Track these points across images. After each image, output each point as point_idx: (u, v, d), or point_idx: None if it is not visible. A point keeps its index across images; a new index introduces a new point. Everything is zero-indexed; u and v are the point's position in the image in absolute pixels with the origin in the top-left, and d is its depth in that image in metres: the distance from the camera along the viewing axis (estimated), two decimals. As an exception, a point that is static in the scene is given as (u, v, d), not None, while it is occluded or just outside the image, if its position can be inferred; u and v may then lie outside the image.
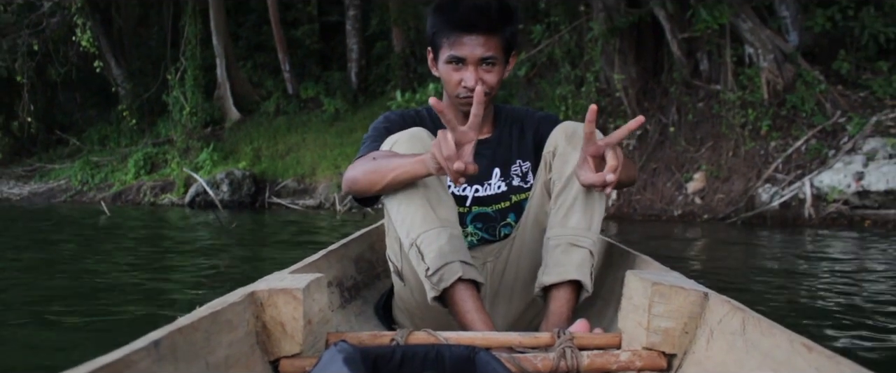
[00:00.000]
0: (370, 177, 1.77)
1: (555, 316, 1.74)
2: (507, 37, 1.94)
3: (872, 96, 8.94)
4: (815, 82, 9.03)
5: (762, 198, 8.38)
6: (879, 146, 7.95)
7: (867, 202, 7.73)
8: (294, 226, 8.74)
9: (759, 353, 1.19)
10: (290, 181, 13.41)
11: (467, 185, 2.07)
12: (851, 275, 4.35)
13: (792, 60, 9.26)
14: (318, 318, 1.46)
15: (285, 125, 15.43)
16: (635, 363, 1.41)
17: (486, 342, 1.46)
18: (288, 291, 1.36)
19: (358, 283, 2.30)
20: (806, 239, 6.62)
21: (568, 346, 1.41)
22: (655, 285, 1.40)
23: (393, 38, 15.52)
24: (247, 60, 18.00)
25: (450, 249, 1.69)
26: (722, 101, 9.43)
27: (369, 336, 1.49)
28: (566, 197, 1.81)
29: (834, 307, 3.22)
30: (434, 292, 1.69)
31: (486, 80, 1.92)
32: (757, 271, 4.51)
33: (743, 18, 9.35)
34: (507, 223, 2.09)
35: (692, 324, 1.40)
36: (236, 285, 1.45)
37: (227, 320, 1.24)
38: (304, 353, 1.38)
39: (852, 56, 9.18)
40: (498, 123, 2.16)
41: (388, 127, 2.02)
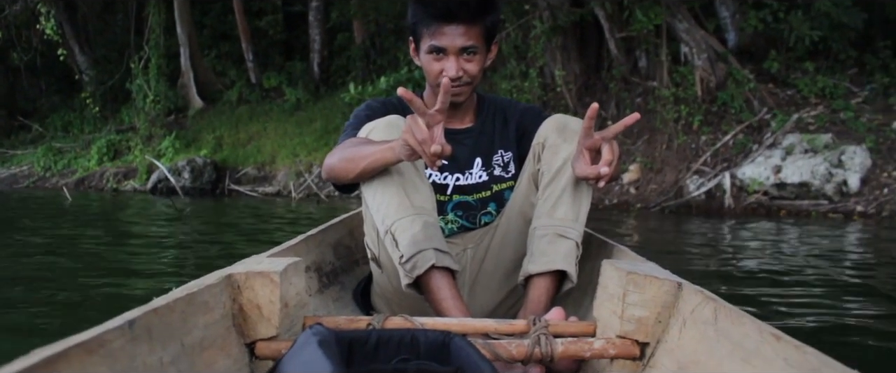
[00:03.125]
0: (345, 164, 1.77)
1: (533, 304, 1.74)
2: (488, 26, 1.92)
3: (798, 95, 9.38)
4: (744, 81, 9.44)
5: (690, 189, 8.79)
6: (797, 142, 8.38)
7: (784, 193, 8.17)
8: (249, 213, 8.85)
9: (730, 342, 1.20)
10: (251, 169, 13.66)
11: (448, 173, 2.05)
12: (766, 257, 4.60)
13: (724, 60, 9.64)
14: (294, 301, 1.45)
15: (247, 114, 15.54)
16: (609, 351, 1.41)
17: (462, 328, 1.46)
18: (265, 274, 1.36)
19: (336, 268, 2.29)
20: (726, 226, 6.97)
21: (543, 333, 1.42)
22: (630, 274, 1.41)
23: (354, 29, 15.64)
24: (211, 49, 17.94)
25: (424, 237, 1.68)
26: (657, 97, 9.78)
27: (346, 320, 1.49)
28: (554, 188, 1.81)
29: (750, 288, 3.47)
30: (408, 279, 1.68)
31: (468, 70, 1.92)
32: (686, 254, 4.77)
33: (679, 19, 9.77)
34: (487, 212, 2.08)
35: (665, 313, 1.41)
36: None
37: (203, 302, 1.24)
38: (280, 336, 1.38)
39: (782, 56, 9.61)
40: (480, 112, 2.15)
41: (369, 114, 2.01)
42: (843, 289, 3.71)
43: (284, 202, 11.17)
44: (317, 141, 13.33)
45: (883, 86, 9.14)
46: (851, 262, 4.75)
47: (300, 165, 12.95)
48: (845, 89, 9.31)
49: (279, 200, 11.91)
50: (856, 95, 9.24)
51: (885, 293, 3.62)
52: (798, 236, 6.09)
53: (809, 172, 8.07)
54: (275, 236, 5.99)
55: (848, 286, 3.82)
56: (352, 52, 15.63)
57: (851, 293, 3.59)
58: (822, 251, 5.14)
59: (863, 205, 7.88)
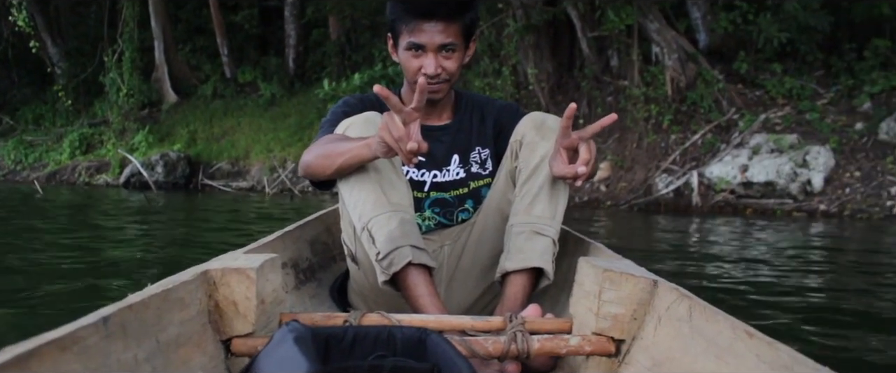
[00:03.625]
0: (322, 161, 1.74)
1: (509, 301, 1.73)
2: (467, 23, 1.90)
3: (766, 95, 9.49)
4: (714, 81, 9.52)
5: (659, 187, 8.87)
6: (764, 141, 8.49)
7: (750, 192, 8.26)
8: (223, 208, 8.85)
9: (704, 339, 1.20)
10: (224, 164, 13.56)
11: (426, 170, 2.03)
12: (733, 254, 4.65)
13: (694, 60, 9.71)
14: (271, 298, 1.43)
15: (222, 109, 15.43)
16: (584, 348, 1.40)
17: (438, 325, 1.45)
18: (241, 270, 1.34)
19: (313, 265, 2.26)
20: (694, 224, 7.05)
21: (519, 330, 1.41)
22: (606, 271, 1.41)
23: (329, 25, 15.52)
24: (185, 43, 17.72)
25: (400, 234, 1.67)
26: (628, 96, 9.84)
27: (322, 317, 1.47)
28: (532, 185, 1.80)
29: (715, 282, 3.51)
30: (384, 276, 1.67)
31: (446, 67, 1.90)
32: (655, 251, 4.81)
33: (650, 19, 9.83)
34: (464, 209, 2.06)
35: (641, 310, 1.41)
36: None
37: (178, 299, 1.22)
38: (256, 332, 1.36)
39: (751, 57, 9.72)
40: (458, 109, 2.12)
41: (346, 111, 1.98)
42: (806, 287, 3.76)
43: (258, 197, 11.13)
44: (291, 136, 13.27)
45: (847, 88, 9.27)
46: (815, 260, 4.81)
47: (274, 160, 12.88)
48: (812, 91, 9.44)
49: (253, 195, 11.87)
50: (822, 97, 9.37)
51: (847, 291, 3.67)
52: (763, 235, 6.15)
53: (775, 172, 8.17)
54: (248, 230, 5.96)
55: (811, 284, 3.87)
56: (327, 47, 15.53)
57: (815, 291, 3.65)
58: (786, 250, 5.20)
59: (826, 204, 7.99)
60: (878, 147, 8.34)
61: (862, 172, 8.15)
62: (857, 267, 4.60)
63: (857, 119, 8.79)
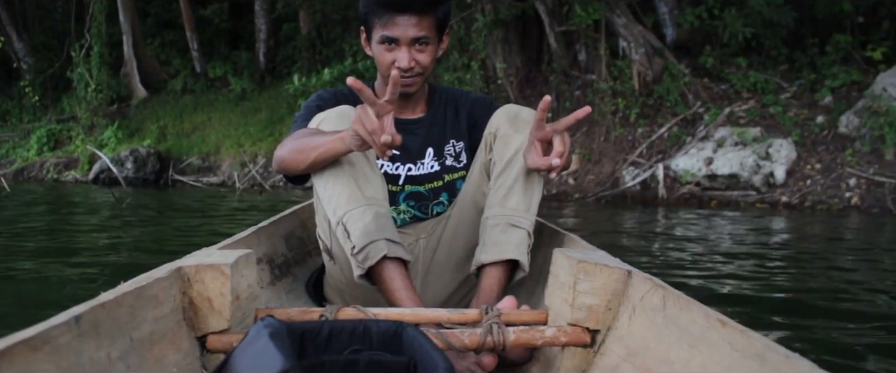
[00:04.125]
0: (295, 156, 1.73)
1: (485, 293, 1.72)
2: (440, 17, 1.89)
3: (732, 89, 9.59)
4: (680, 75, 9.61)
5: (626, 179, 8.91)
6: (728, 135, 8.54)
7: (715, 184, 8.32)
8: (194, 203, 8.75)
9: (678, 328, 1.21)
10: (195, 159, 13.40)
11: (400, 163, 2.02)
12: (699, 245, 4.69)
13: (661, 54, 9.79)
14: (246, 294, 1.42)
15: (192, 104, 15.24)
16: (560, 339, 1.41)
17: (414, 318, 1.44)
18: (216, 266, 1.33)
19: (289, 260, 2.25)
20: (660, 216, 7.09)
21: (495, 322, 1.40)
22: (581, 262, 1.41)
23: (300, 20, 15.41)
24: (155, 38, 17.54)
25: (375, 228, 1.66)
26: (596, 90, 9.86)
27: (298, 312, 1.46)
28: (506, 178, 1.80)
29: (680, 271, 3.53)
30: (360, 270, 1.66)
31: (420, 60, 1.88)
32: (623, 243, 4.83)
33: (617, 14, 9.87)
34: (439, 202, 2.05)
35: (615, 301, 1.41)
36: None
37: (152, 296, 1.21)
38: (231, 329, 1.35)
39: (717, 52, 9.82)
40: (432, 102, 2.11)
41: (320, 105, 1.96)
42: (769, 275, 3.81)
43: (229, 193, 11.01)
44: (262, 131, 13.16)
45: (810, 82, 9.38)
46: (778, 250, 4.88)
47: (245, 155, 12.76)
48: (776, 85, 9.55)
49: (224, 190, 11.74)
50: (785, 91, 9.48)
51: (808, 279, 3.74)
52: (728, 226, 6.22)
53: (739, 164, 8.25)
54: (220, 226, 5.90)
55: (775, 273, 3.93)
56: (298, 42, 15.41)
57: (777, 280, 3.71)
58: (750, 240, 5.27)
59: (787, 196, 8.09)
60: (837, 140, 8.46)
61: (822, 165, 8.26)
62: (817, 256, 4.67)
63: (819, 113, 8.91)
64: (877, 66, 8.99)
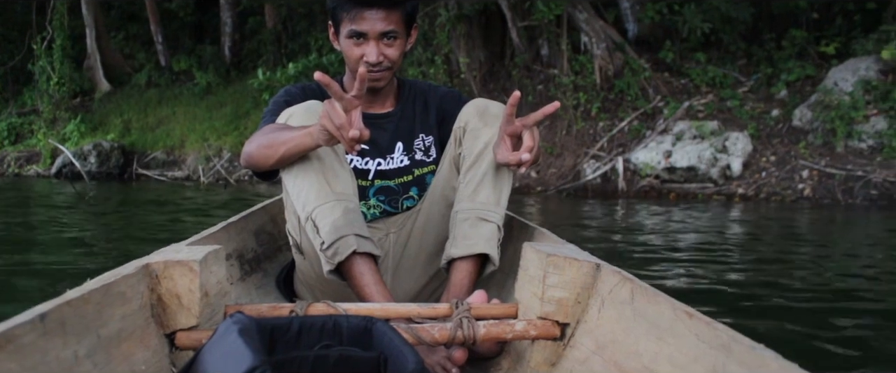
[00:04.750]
0: (264, 151, 1.70)
1: (455, 288, 1.70)
2: (408, 10, 1.87)
3: (691, 83, 9.71)
4: (640, 70, 9.70)
5: (587, 172, 8.98)
6: (686, 128, 8.65)
7: (674, 177, 8.43)
8: (158, 197, 8.66)
9: (646, 321, 1.21)
10: (159, 153, 13.18)
11: (370, 158, 1.99)
12: (660, 235, 4.77)
13: (622, 49, 9.88)
14: (215, 290, 1.39)
15: (156, 98, 14.98)
16: (530, 332, 1.40)
17: (384, 313, 1.43)
18: (184, 263, 1.30)
19: (259, 255, 2.21)
20: (621, 208, 7.17)
21: (465, 316, 1.39)
22: (550, 256, 1.40)
23: (266, 13, 15.28)
24: (118, 31, 17.22)
25: (344, 223, 1.64)
26: (558, 84, 9.94)
27: (268, 308, 1.43)
28: (476, 172, 1.78)
29: (638, 260, 3.60)
30: (329, 265, 1.64)
31: (388, 55, 1.86)
32: (585, 235, 4.86)
33: (580, 10, 9.94)
34: (409, 196, 2.02)
35: (585, 294, 1.40)
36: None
37: (119, 293, 1.18)
38: (200, 325, 1.32)
39: (677, 47, 9.95)
40: (401, 97, 2.07)
41: (288, 100, 1.92)
42: (726, 264, 3.89)
43: (193, 187, 10.89)
44: (227, 125, 13.01)
45: (766, 76, 9.54)
46: (734, 240, 4.98)
47: (209, 149, 12.61)
48: (733, 79, 9.68)
49: (188, 184, 11.62)
50: (743, 85, 9.61)
51: (763, 267, 3.84)
52: (687, 217, 6.30)
53: (697, 157, 8.34)
54: (183, 218, 5.83)
55: (732, 262, 4.00)
56: (263, 36, 15.25)
57: (734, 268, 3.78)
58: (708, 231, 5.35)
59: (743, 187, 8.21)
60: (791, 133, 8.60)
61: (777, 157, 8.39)
62: (772, 245, 4.77)
63: (774, 106, 9.05)
64: (830, 60, 9.15)
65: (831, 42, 9.40)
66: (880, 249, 4.70)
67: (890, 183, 7.58)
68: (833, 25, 9.82)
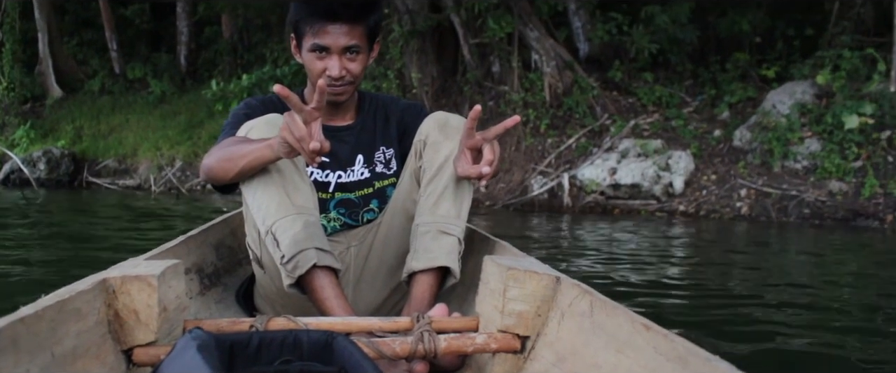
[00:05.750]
0: (223, 164, 1.67)
1: (416, 301, 1.69)
2: (371, 25, 1.85)
3: (638, 102, 9.84)
4: (589, 88, 9.79)
5: (534, 188, 9.03)
6: (631, 146, 8.74)
7: (618, 194, 8.50)
8: (108, 206, 8.52)
9: (605, 333, 1.21)
10: (111, 161, 12.84)
11: (330, 171, 1.96)
12: (604, 250, 4.84)
13: (571, 68, 9.96)
14: (174, 305, 1.36)
15: (110, 105, 14.60)
16: (491, 346, 1.39)
17: (345, 327, 1.41)
18: (142, 278, 1.27)
19: (218, 269, 2.17)
20: (566, 223, 7.23)
21: (426, 330, 1.38)
22: (510, 269, 1.39)
23: (222, 23, 15.05)
24: (72, 36, 16.69)
25: (305, 236, 1.61)
26: (508, 101, 9.97)
27: (228, 323, 1.40)
28: (436, 185, 1.76)
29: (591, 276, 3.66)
30: (289, 279, 1.61)
31: (350, 69, 1.84)
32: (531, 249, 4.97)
33: (530, 28, 10.05)
34: (370, 209, 1.99)
35: (545, 307, 1.40)
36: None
37: (75, 309, 1.14)
38: (159, 341, 1.29)
39: (625, 66, 10.09)
40: (361, 109, 2.05)
41: (248, 113, 1.90)
42: (667, 277, 4.00)
43: (144, 196, 10.66)
44: (180, 135, 12.75)
45: (711, 97, 9.74)
46: (675, 254, 5.09)
47: (162, 158, 12.33)
48: (679, 99, 9.86)
49: (139, 193, 11.34)
50: (688, 105, 9.79)
51: (703, 280, 3.95)
52: (629, 233, 6.39)
53: (640, 175, 8.44)
54: (135, 227, 5.71)
55: (672, 275, 4.11)
56: (219, 46, 15.01)
57: (674, 281, 3.89)
58: (650, 246, 5.44)
59: (685, 205, 8.33)
60: (732, 153, 8.77)
61: (717, 176, 8.54)
62: (711, 260, 4.88)
63: (717, 126, 9.22)
64: (771, 83, 9.37)
65: (772, 66, 9.64)
66: (813, 264, 4.84)
67: (821, 202, 7.78)
68: (774, 50, 10.08)
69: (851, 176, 7.89)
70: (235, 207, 2.59)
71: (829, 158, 7.99)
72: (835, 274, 4.43)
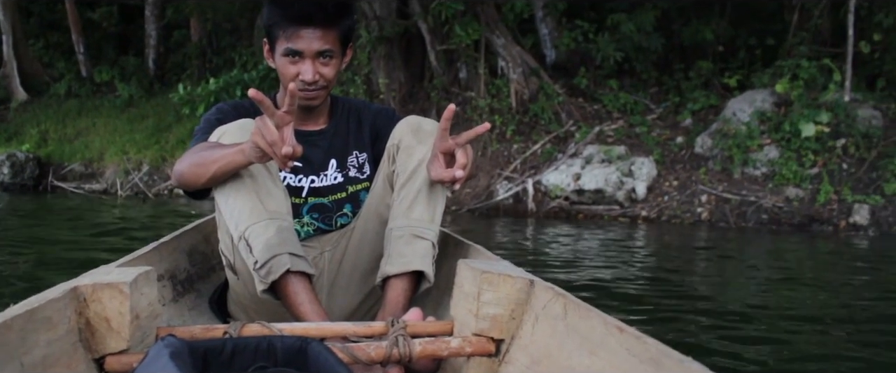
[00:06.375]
0: (195, 170, 1.64)
1: (391, 305, 1.67)
2: (345, 30, 1.83)
3: (604, 109, 9.90)
4: (554, 95, 9.83)
5: (499, 193, 9.03)
6: (596, 152, 8.78)
7: (582, 199, 8.52)
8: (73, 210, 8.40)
9: (579, 336, 1.21)
10: (77, 165, 12.57)
11: (303, 175, 1.94)
12: (570, 254, 4.91)
13: (537, 74, 10.01)
14: (146, 312, 1.33)
15: (76, 109, 14.32)
16: (465, 349, 1.39)
17: (320, 332, 1.40)
18: (114, 285, 1.24)
19: (192, 275, 2.13)
20: (531, 228, 7.28)
21: (401, 334, 1.38)
22: (484, 273, 1.39)
23: (191, 27, 14.89)
24: (38, 39, 16.38)
25: (278, 242, 1.59)
26: (475, 107, 9.95)
27: (201, 330, 1.38)
28: (410, 189, 1.75)
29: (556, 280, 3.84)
30: (263, 285, 1.59)
31: (324, 74, 1.82)
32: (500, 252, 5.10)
33: (497, 35, 10.07)
34: (343, 214, 1.97)
35: (519, 310, 1.39)
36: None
37: (45, 318, 1.12)
38: (131, 349, 1.27)
39: (591, 74, 10.15)
40: (334, 114, 2.03)
41: (220, 118, 1.86)
42: (629, 280, 4.07)
43: (110, 200, 10.48)
44: (148, 139, 12.54)
45: (675, 104, 9.85)
46: (637, 258, 5.16)
47: (129, 162, 12.12)
48: (644, 106, 9.95)
49: (105, 197, 11.13)
50: (653, 112, 9.89)
51: (663, 283, 4.04)
52: (593, 237, 6.46)
53: (604, 180, 8.50)
54: (101, 231, 5.62)
55: (634, 278, 4.19)
56: (188, 50, 14.82)
57: (636, 284, 3.97)
58: (613, 250, 5.50)
59: (647, 210, 8.40)
60: (693, 159, 8.87)
61: (679, 182, 8.63)
62: (672, 264, 4.96)
63: (679, 133, 9.32)
64: (732, 92, 9.51)
65: (734, 74, 9.79)
66: (771, 268, 4.93)
67: (779, 208, 7.90)
68: (736, 58, 10.24)
69: (808, 183, 8.03)
70: (207, 211, 2.55)
71: (787, 165, 8.12)
72: (791, 278, 4.54)
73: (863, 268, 5.13)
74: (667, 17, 10.39)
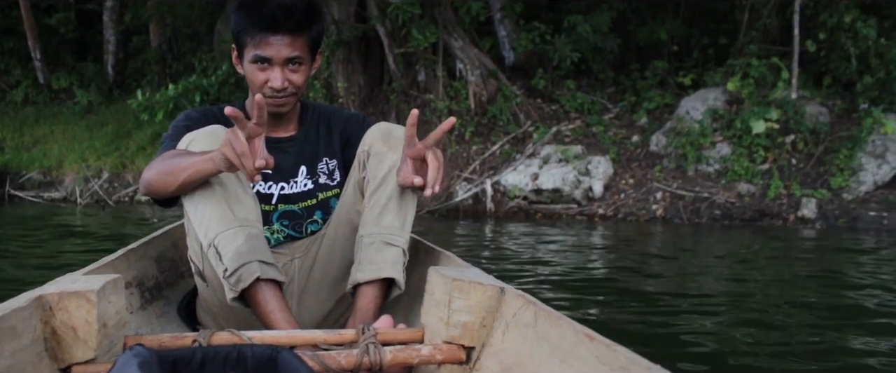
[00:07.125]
0: (164, 178, 1.61)
1: (361, 313, 1.66)
2: (314, 36, 1.80)
3: (561, 109, 9.99)
4: (512, 96, 9.88)
5: (459, 193, 9.05)
6: (553, 152, 8.85)
7: (540, 198, 8.59)
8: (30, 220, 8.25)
9: (549, 344, 1.20)
10: (35, 174, 12.26)
11: (273, 182, 1.91)
12: (529, 253, 4.94)
13: (495, 76, 10.04)
14: (114, 321, 1.30)
15: (34, 116, 13.95)
16: (436, 357, 1.38)
17: (290, 341, 1.38)
18: (80, 293, 1.21)
19: (160, 283, 2.09)
20: (490, 228, 7.30)
21: (371, 342, 1.36)
22: (455, 280, 1.38)
23: (150, 32, 14.58)
24: (-8, 45, 16.35)
25: (248, 249, 1.57)
26: (434, 109, 9.91)
27: (170, 338, 1.35)
28: (380, 196, 1.73)
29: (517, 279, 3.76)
30: (233, 293, 1.56)
31: (293, 80, 1.79)
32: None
33: (455, 38, 10.08)
34: (313, 220, 1.94)
35: (490, 318, 1.38)
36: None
37: (9, 327, 1.09)
38: (98, 358, 1.23)
39: (549, 74, 10.22)
40: (304, 120, 2.00)
41: (188, 125, 1.83)
42: (590, 277, 4.13)
43: (69, 208, 10.25)
44: (107, 146, 12.26)
45: (631, 104, 9.94)
46: (595, 256, 5.21)
47: (89, 170, 11.85)
48: (601, 106, 10.04)
49: (64, 205, 10.87)
50: (610, 111, 9.98)
51: (621, 279, 4.10)
52: (552, 236, 6.48)
53: (561, 180, 8.55)
54: (61, 238, 5.49)
55: (594, 275, 4.26)
56: (148, 55, 14.49)
57: (596, 280, 4.04)
58: (571, 248, 5.53)
59: (604, 208, 8.48)
60: (649, 158, 8.97)
61: (635, 180, 8.72)
62: (629, 261, 5.01)
63: (635, 132, 9.42)
64: (687, 90, 9.64)
65: (688, 73, 9.92)
66: (724, 263, 5.00)
67: (731, 204, 8.02)
68: (691, 58, 10.37)
69: (759, 178, 8.17)
70: (173, 219, 2.52)
71: (739, 162, 8.25)
72: (742, 271, 4.64)
73: (810, 259, 5.24)
74: (622, 17, 10.49)
